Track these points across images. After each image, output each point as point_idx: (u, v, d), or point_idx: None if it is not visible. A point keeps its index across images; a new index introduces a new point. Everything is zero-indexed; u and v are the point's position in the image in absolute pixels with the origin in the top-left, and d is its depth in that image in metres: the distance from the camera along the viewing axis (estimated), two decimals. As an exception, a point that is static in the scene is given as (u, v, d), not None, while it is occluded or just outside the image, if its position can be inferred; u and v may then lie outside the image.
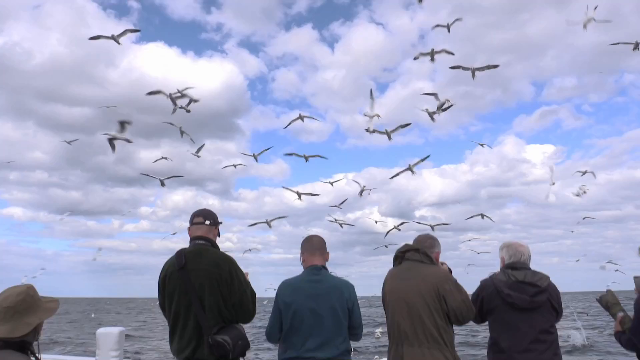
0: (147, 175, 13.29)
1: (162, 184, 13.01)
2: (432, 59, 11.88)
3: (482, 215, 14.28)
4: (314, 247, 2.78)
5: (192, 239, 2.59)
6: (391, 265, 2.91)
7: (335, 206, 14.49)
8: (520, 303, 2.64)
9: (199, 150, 13.40)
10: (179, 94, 11.25)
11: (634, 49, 11.01)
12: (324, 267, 2.76)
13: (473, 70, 11.34)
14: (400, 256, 2.83)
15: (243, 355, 2.49)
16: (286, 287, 2.71)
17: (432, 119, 11.78)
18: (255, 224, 13.55)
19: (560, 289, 2.81)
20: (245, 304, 2.49)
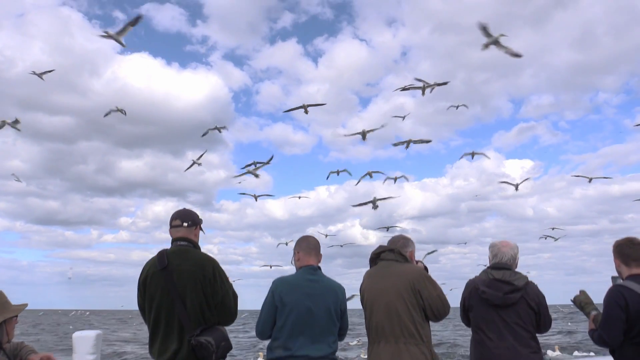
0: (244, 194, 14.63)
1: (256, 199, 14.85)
2: (407, 147, 12.92)
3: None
4: (310, 246, 2.80)
5: (173, 240, 2.60)
6: None
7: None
8: (493, 299, 2.73)
9: (199, 157, 13.80)
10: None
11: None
12: (319, 268, 2.79)
13: (423, 88, 11.78)
14: (375, 257, 2.90)
15: (224, 357, 2.48)
16: (283, 284, 2.70)
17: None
18: (241, 174, 14.17)
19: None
20: (228, 304, 2.49)
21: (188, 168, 14.57)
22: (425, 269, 2.96)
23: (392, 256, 2.82)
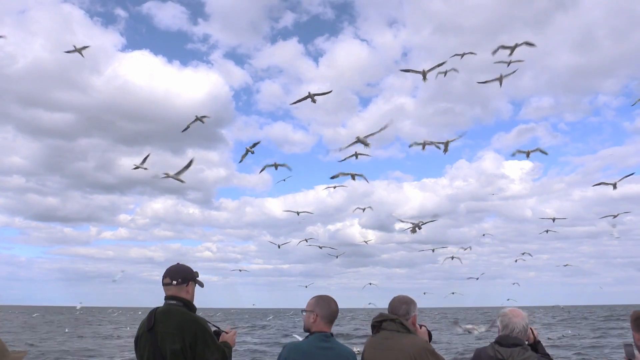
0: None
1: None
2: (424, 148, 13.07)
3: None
4: (332, 315, 2.71)
5: (165, 298, 2.59)
6: (370, 276, 2.88)
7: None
8: None
9: (143, 161, 13.13)
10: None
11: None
12: (332, 335, 2.70)
13: (424, 73, 11.71)
14: (377, 325, 2.83)
15: None
16: (296, 352, 2.60)
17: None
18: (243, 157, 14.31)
19: (537, 303, 2.80)
20: None
21: (135, 167, 13.46)
22: (429, 335, 2.91)
23: (394, 327, 2.74)
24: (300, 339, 2.82)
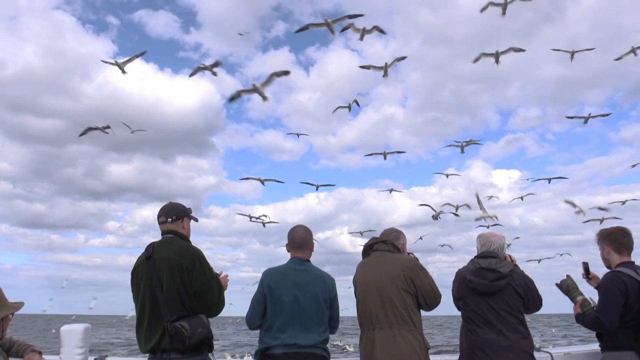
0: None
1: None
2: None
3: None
4: (296, 241, 2.83)
5: (162, 233, 2.65)
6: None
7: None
8: (479, 287, 2.78)
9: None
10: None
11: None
12: (308, 261, 2.83)
13: (385, 68, 11.93)
14: (368, 248, 2.95)
15: (210, 347, 2.50)
16: (272, 274, 2.75)
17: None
18: (247, 178, 14.20)
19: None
20: (208, 293, 2.47)
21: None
22: (416, 259, 2.98)
23: (385, 247, 2.88)
24: None
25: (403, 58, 12.48)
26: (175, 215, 2.64)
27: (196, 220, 2.77)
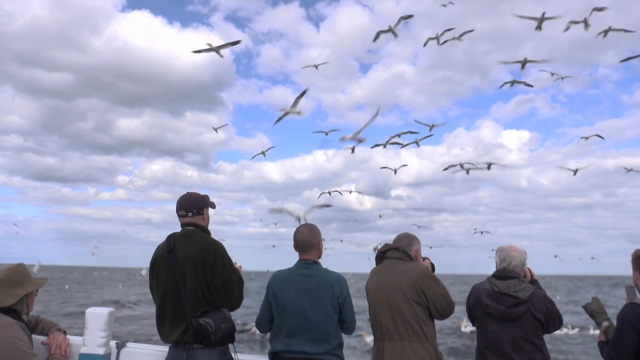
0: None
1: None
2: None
3: None
4: (299, 243, 2.76)
5: (182, 225, 2.66)
6: (366, 242, 2.95)
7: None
8: (496, 314, 2.67)
9: None
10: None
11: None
12: (315, 262, 2.74)
13: (393, 30, 11.59)
14: (381, 255, 2.93)
15: (232, 339, 2.55)
16: (277, 280, 2.72)
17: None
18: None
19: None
20: (229, 289, 2.51)
21: None
22: (432, 267, 2.98)
23: (397, 255, 2.84)
24: None
25: (410, 16, 12.11)
26: (195, 209, 2.65)
27: (214, 207, 2.75)
